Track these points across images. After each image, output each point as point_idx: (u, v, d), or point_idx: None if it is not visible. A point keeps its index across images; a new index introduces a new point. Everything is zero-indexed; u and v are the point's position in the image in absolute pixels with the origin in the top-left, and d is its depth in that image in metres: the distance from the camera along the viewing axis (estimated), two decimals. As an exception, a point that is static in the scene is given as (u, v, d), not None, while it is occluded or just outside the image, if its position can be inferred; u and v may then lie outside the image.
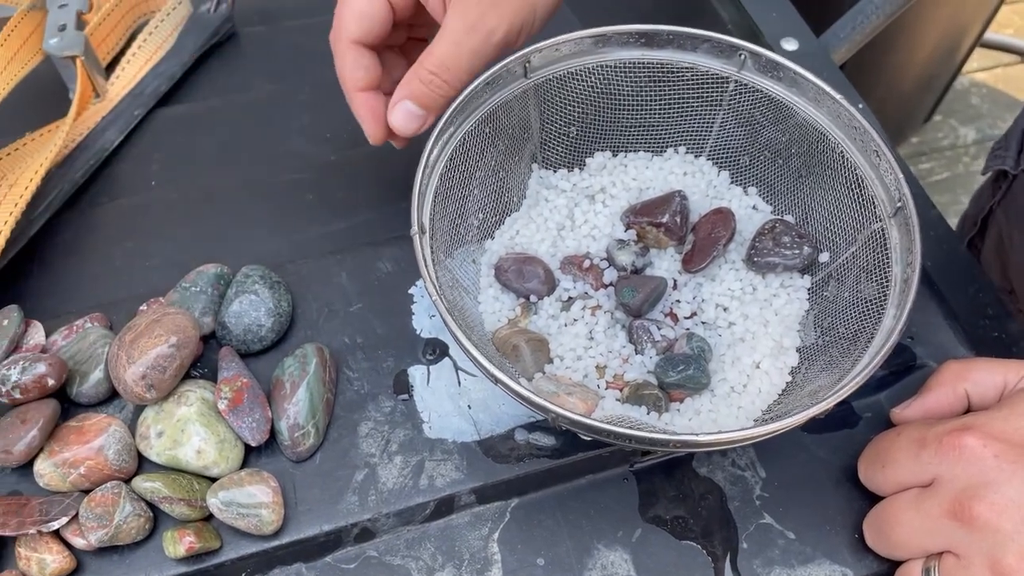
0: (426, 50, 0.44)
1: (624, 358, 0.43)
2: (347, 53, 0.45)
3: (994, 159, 0.66)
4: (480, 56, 0.43)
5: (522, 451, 0.44)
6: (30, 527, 0.39)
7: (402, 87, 0.44)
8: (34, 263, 0.51)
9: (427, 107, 0.44)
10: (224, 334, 0.45)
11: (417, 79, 0.44)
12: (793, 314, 0.44)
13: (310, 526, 0.42)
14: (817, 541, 0.44)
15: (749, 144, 0.47)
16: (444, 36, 0.43)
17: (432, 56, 0.43)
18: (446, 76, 0.43)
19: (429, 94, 0.44)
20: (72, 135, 0.56)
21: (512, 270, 0.45)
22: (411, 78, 0.44)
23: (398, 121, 0.45)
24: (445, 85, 0.43)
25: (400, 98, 0.44)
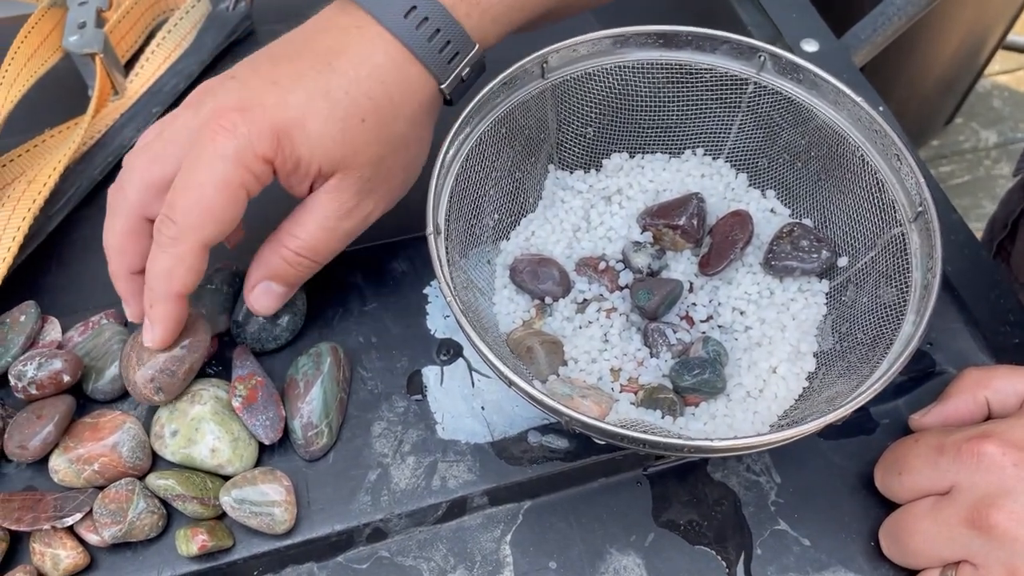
0: (287, 229, 0.41)
1: (639, 361, 0.43)
2: (191, 256, 0.38)
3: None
4: (352, 236, 0.42)
5: (535, 453, 0.44)
6: (44, 523, 0.39)
7: (260, 267, 0.42)
8: (52, 260, 0.51)
9: (290, 285, 0.43)
10: (239, 332, 0.45)
11: (280, 259, 0.41)
12: (811, 319, 0.44)
13: (323, 525, 0.42)
14: (832, 548, 0.43)
15: (768, 147, 0.47)
16: (314, 219, 0.41)
17: (299, 240, 0.41)
18: (315, 258, 0.42)
19: (294, 274, 0.42)
20: (91, 132, 0.56)
21: (527, 271, 0.45)
22: (271, 257, 0.41)
23: (260, 303, 0.42)
24: (313, 265, 0.42)
25: (260, 278, 0.42)
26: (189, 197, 0.37)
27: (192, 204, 0.37)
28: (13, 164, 0.53)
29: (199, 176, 0.37)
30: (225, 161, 0.37)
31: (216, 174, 0.37)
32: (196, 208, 0.37)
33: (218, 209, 0.38)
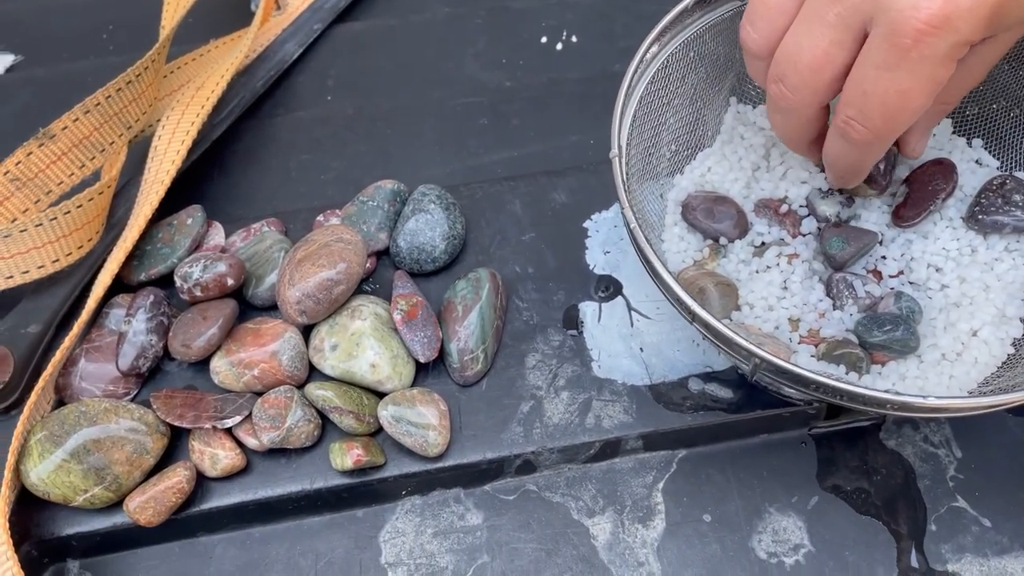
0: None
1: (821, 313, 0.40)
2: (881, 149, 0.36)
3: None
4: None
5: (695, 401, 0.41)
6: (205, 422, 0.39)
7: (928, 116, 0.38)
8: (215, 168, 0.51)
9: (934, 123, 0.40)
10: (397, 251, 0.44)
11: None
12: (1019, 281, 0.39)
13: (474, 452, 0.41)
14: (1016, 532, 0.40)
15: (981, 90, 0.42)
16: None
17: None
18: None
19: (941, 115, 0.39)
20: (254, 45, 0.56)
21: (701, 208, 0.42)
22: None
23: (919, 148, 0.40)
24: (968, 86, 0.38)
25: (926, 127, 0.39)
26: (880, 104, 0.33)
27: (885, 98, 0.33)
28: (181, 71, 0.53)
29: (901, 83, 0.32)
30: (935, 63, 0.31)
31: (922, 79, 0.32)
32: (890, 102, 0.33)
33: (919, 100, 0.33)
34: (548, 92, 0.54)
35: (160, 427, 0.40)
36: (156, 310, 0.42)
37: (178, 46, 0.54)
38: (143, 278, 0.44)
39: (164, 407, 0.40)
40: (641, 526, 0.40)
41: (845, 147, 0.35)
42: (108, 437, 0.38)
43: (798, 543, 0.40)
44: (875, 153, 0.36)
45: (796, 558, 0.39)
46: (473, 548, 0.40)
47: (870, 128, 0.34)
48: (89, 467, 0.38)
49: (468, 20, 0.58)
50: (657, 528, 0.40)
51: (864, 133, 0.34)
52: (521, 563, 0.40)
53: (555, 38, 0.57)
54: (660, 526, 0.40)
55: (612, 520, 0.41)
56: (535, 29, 0.57)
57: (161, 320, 0.42)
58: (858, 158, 0.36)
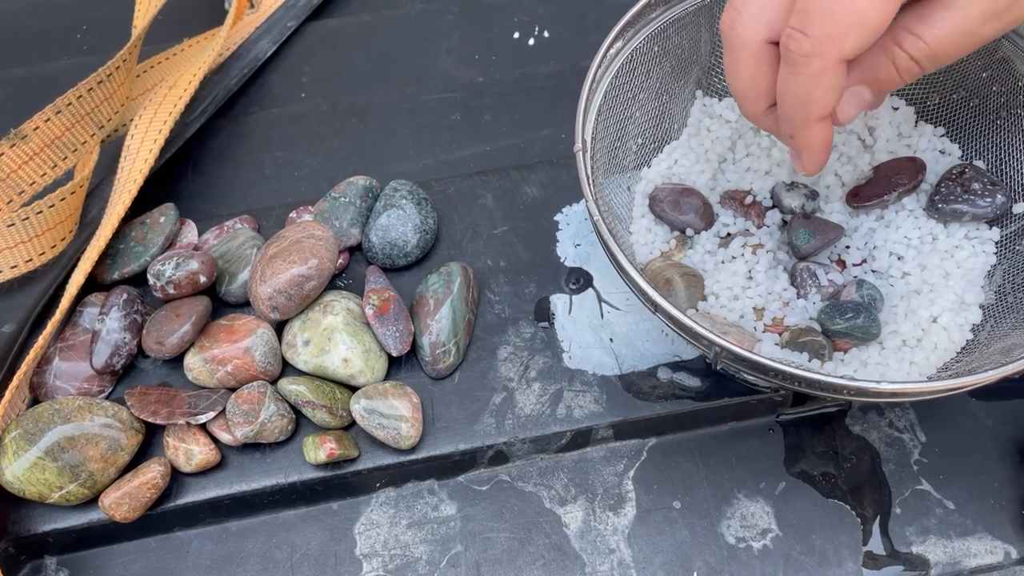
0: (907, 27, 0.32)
1: (785, 301, 0.41)
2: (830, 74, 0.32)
3: None
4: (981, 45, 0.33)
5: (664, 390, 0.42)
6: (179, 418, 0.40)
7: (856, 68, 0.34)
8: (188, 166, 0.51)
9: (882, 96, 0.35)
10: (369, 247, 0.45)
11: (890, 62, 0.33)
12: (978, 268, 0.40)
13: (447, 444, 0.41)
14: (979, 514, 0.40)
15: (942, 81, 0.43)
16: (951, 18, 0.32)
17: (922, 43, 0.32)
18: (930, 67, 0.33)
19: (896, 83, 0.34)
20: (227, 44, 0.56)
21: (668, 200, 0.43)
22: (877, 59, 0.33)
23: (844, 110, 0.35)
24: (920, 73, 0.34)
25: (854, 81, 0.34)
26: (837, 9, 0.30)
27: (832, 7, 0.30)
28: (154, 71, 0.54)
29: None
30: None
31: None
32: (838, 11, 0.30)
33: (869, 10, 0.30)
34: (520, 87, 0.54)
35: (134, 424, 0.40)
36: (130, 308, 0.42)
37: (151, 45, 0.55)
38: (116, 277, 0.44)
39: (138, 404, 0.40)
40: (612, 514, 0.41)
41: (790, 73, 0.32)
42: (82, 434, 0.39)
43: (766, 528, 0.40)
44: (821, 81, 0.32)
45: (764, 542, 0.40)
46: (447, 538, 0.41)
47: (812, 37, 0.31)
48: (64, 464, 0.38)
49: (441, 16, 0.59)
50: (628, 515, 0.41)
51: (805, 44, 0.31)
52: (494, 552, 0.40)
53: (527, 33, 0.57)
54: (631, 513, 0.41)
55: (584, 508, 0.41)
56: (507, 25, 0.58)
57: (135, 318, 0.42)
58: (805, 87, 0.32)
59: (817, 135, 0.34)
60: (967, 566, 0.39)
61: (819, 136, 0.34)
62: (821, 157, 0.35)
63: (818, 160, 0.35)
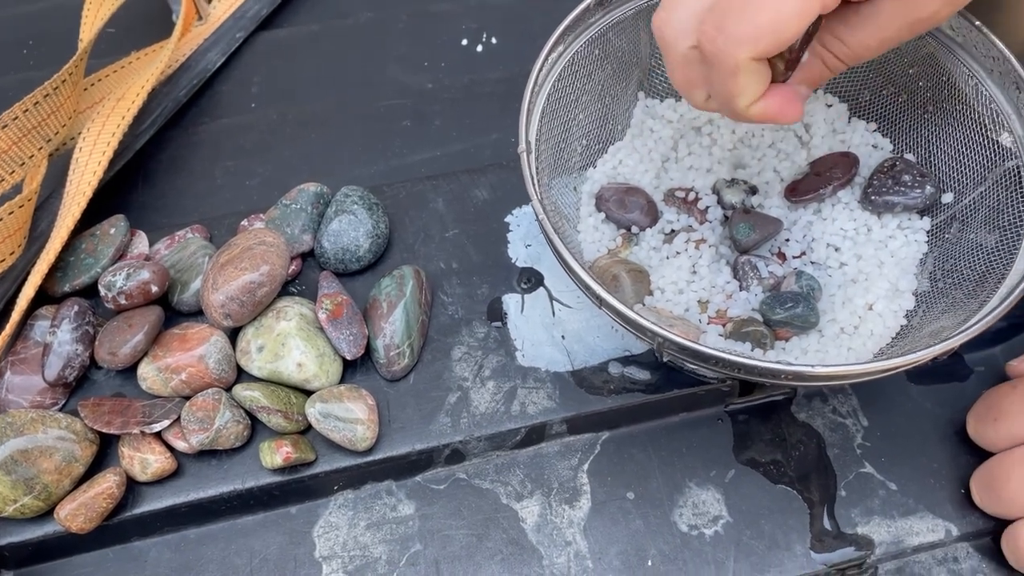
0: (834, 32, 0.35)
1: (728, 294, 0.42)
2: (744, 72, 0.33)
3: None
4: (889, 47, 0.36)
5: (616, 384, 0.43)
6: (134, 427, 0.40)
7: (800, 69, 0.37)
8: (139, 177, 0.51)
9: (814, 89, 0.38)
10: (322, 252, 0.45)
11: (821, 64, 0.36)
12: (910, 256, 0.42)
13: (403, 444, 0.42)
14: (920, 494, 0.42)
15: (872, 78, 0.45)
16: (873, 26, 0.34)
17: (847, 48, 0.35)
18: (853, 64, 0.36)
19: (826, 78, 0.37)
20: (176, 56, 0.56)
21: (614, 200, 0.44)
22: (812, 60, 0.36)
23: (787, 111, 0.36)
24: (842, 69, 0.37)
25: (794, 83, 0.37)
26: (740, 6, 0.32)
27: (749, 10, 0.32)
28: (101, 84, 0.54)
29: None
30: None
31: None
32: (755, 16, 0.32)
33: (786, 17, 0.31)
34: (469, 93, 0.55)
35: (89, 435, 0.40)
36: (81, 320, 0.42)
37: (100, 59, 0.55)
38: (67, 289, 0.44)
39: (92, 415, 0.40)
40: (568, 507, 0.42)
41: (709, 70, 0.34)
42: (36, 447, 0.39)
43: (717, 515, 0.41)
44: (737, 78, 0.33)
45: (715, 529, 0.41)
46: (406, 537, 0.41)
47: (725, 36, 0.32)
48: (18, 477, 0.38)
49: (391, 24, 0.59)
50: (583, 508, 0.42)
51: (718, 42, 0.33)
52: (453, 549, 0.41)
53: (475, 40, 0.58)
54: (586, 506, 0.42)
55: (540, 503, 0.42)
56: (456, 32, 0.59)
57: (87, 330, 0.42)
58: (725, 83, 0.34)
59: (759, 116, 0.35)
60: (910, 544, 0.41)
61: (761, 116, 0.35)
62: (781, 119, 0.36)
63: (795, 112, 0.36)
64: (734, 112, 0.36)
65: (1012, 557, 0.39)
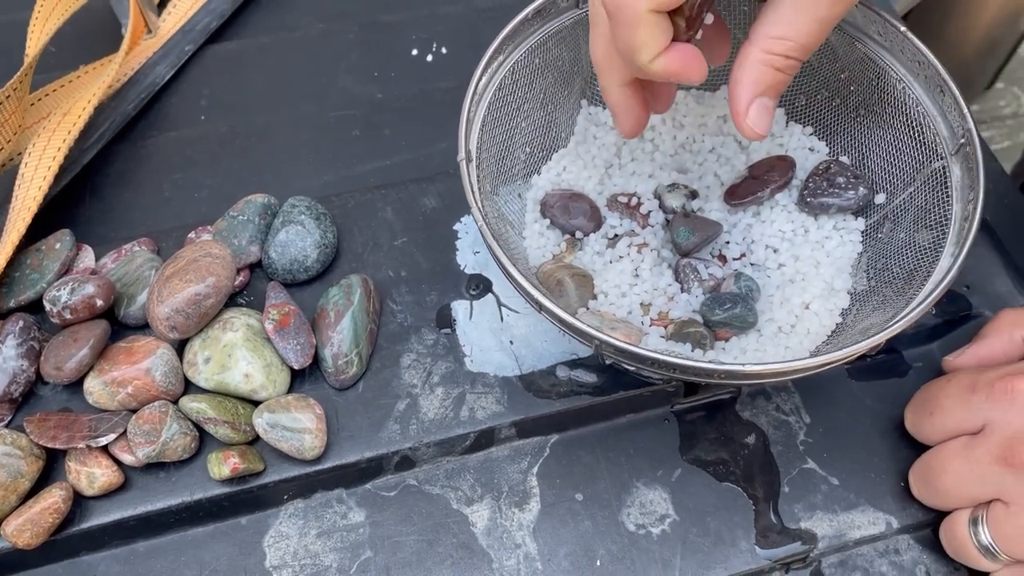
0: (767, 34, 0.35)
1: (670, 296, 0.43)
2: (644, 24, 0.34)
3: None
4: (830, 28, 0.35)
5: (563, 387, 0.44)
6: (79, 441, 0.40)
7: (747, 86, 0.36)
8: (86, 191, 0.51)
9: (778, 96, 0.37)
10: (270, 263, 0.46)
11: (770, 68, 0.35)
12: (846, 256, 0.43)
13: (352, 452, 0.42)
14: (861, 488, 0.43)
15: (806, 83, 0.46)
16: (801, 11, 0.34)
17: (788, 41, 0.35)
18: (804, 56, 0.35)
19: (784, 81, 0.36)
20: (124, 69, 0.56)
21: (558, 206, 0.45)
22: (758, 69, 0.35)
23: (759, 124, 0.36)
24: (798, 66, 0.36)
25: (752, 96, 0.36)
26: None
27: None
28: (48, 99, 0.53)
29: None
30: None
31: None
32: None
33: None
34: (418, 102, 0.56)
35: (34, 450, 0.40)
36: (26, 335, 0.42)
37: (47, 73, 0.55)
38: (12, 305, 0.44)
39: (37, 430, 0.40)
40: (517, 510, 0.42)
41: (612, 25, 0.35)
42: (-20, 464, 0.38)
43: (664, 513, 0.42)
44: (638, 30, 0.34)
45: (662, 527, 0.42)
46: (356, 544, 0.41)
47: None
48: (-39, 495, 0.38)
49: (341, 35, 0.60)
50: (533, 510, 0.42)
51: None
52: (403, 555, 0.41)
53: (425, 50, 0.59)
54: (535, 508, 0.42)
55: (490, 506, 0.42)
56: (406, 42, 0.59)
57: (32, 345, 0.42)
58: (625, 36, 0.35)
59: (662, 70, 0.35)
60: (852, 537, 0.42)
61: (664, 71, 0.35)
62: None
63: (630, 125, 0.39)
64: (638, 67, 0.36)
65: (950, 548, 0.40)
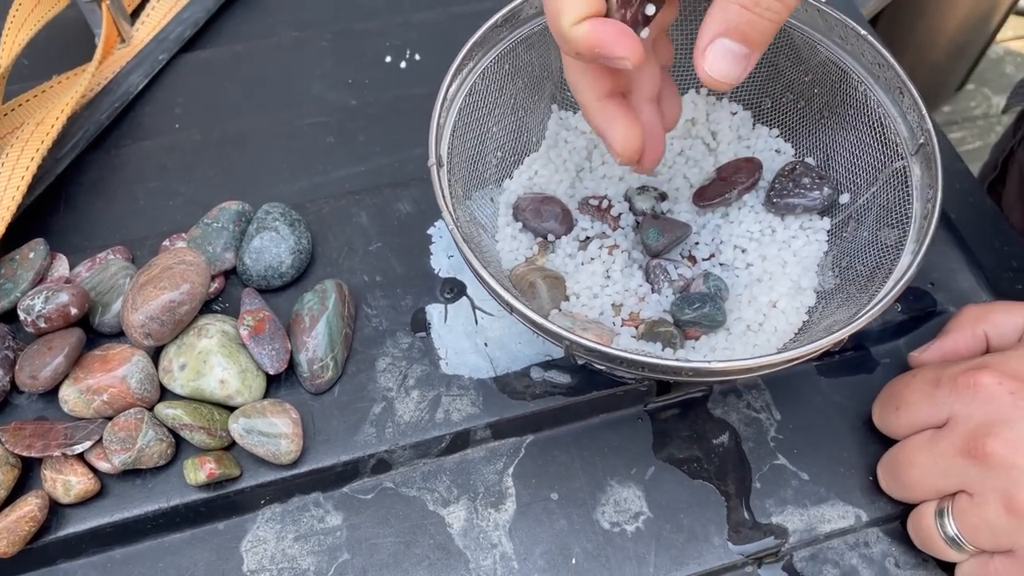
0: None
1: (640, 297, 0.43)
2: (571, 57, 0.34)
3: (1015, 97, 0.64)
4: None
5: (538, 388, 0.44)
6: (55, 449, 0.40)
7: (712, 16, 0.33)
8: (60, 201, 0.51)
9: (753, 45, 0.33)
10: (244, 270, 0.46)
11: (736, 4, 0.32)
12: (812, 255, 0.44)
13: (328, 456, 0.42)
14: (831, 483, 0.44)
15: (771, 86, 0.47)
16: None
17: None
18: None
19: (757, 22, 0.32)
20: (97, 79, 0.56)
21: (530, 209, 0.45)
22: (725, 4, 0.32)
23: (716, 68, 0.33)
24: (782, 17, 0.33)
25: (712, 36, 0.33)
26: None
27: None
28: (21, 109, 0.54)
29: None
30: None
31: None
32: None
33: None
34: (393, 108, 0.56)
35: (10, 459, 0.40)
36: (1, 344, 0.42)
37: (21, 83, 0.55)
38: (-14, 314, 0.44)
39: (12, 439, 0.40)
40: (493, 510, 0.43)
41: None
42: (-46, 474, 0.38)
43: (638, 511, 0.43)
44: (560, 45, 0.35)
45: (636, 525, 0.43)
46: (334, 548, 0.42)
47: None
48: (-64, 505, 0.38)
49: (314, 43, 0.60)
50: (508, 510, 0.43)
51: None
52: (381, 557, 0.41)
53: (399, 57, 0.59)
54: (511, 508, 0.43)
55: (466, 507, 0.43)
56: (380, 49, 0.60)
57: (6, 354, 0.42)
58: None
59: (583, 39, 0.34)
60: (822, 531, 0.42)
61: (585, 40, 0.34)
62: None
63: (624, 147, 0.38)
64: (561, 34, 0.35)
65: (917, 539, 0.41)
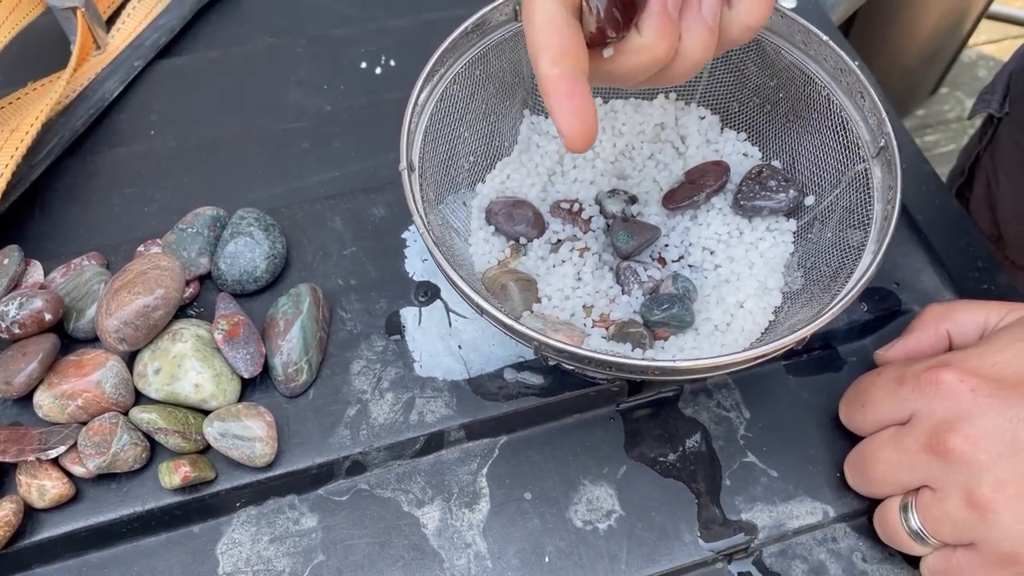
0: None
1: (611, 298, 0.44)
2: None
3: (980, 103, 0.66)
4: None
5: (511, 390, 0.45)
6: (29, 454, 0.40)
7: None
8: (35, 207, 0.51)
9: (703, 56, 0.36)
10: (219, 274, 0.46)
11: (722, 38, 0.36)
12: (778, 256, 0.45)
13: (303, 458, 0.43)
14: (799, 480, 0.44)
15: (739, 90, 0.48)
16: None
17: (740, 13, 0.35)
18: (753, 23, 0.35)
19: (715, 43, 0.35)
20: (73, 85, 0.56)
21: (502, 213, 0.46)
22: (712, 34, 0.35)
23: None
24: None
25: None
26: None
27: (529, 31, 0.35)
28: (-4, 115, 0.54)
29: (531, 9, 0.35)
30: None
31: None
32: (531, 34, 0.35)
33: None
34: (367, 114, 0.57)
35: (-16, 465, 0.40)
36: (-26, 351, 0.42)
37: (-4, 90, 0.55)
38: (-40, 321, 0.44)
39: (-13, 445, 0.40)
40: (468, 510, 0.43)
41: None
42: (-73, 480, 0.38)
43: (610, 509, 0.43)
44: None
45: (609, 523, 0.43)
46: (309, 549, 0.42)
47: None
48: (-91, 511, 0.38)
49: (290, 50, 0.61)
50: (482, 510, 0.43)
51: None
52: (355, 558, 0.42)
53: (374, 62, 0.60)
54: (485, 508, 0.43)
55: (441, 508, 0.43)
56: (355, 55, 0.60)
57: (-20, 360, 0.42)
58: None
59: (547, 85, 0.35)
60: (791, 527, 0.43)
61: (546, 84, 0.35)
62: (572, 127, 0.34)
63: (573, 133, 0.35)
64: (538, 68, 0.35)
65: (882, 534, 0.42)
